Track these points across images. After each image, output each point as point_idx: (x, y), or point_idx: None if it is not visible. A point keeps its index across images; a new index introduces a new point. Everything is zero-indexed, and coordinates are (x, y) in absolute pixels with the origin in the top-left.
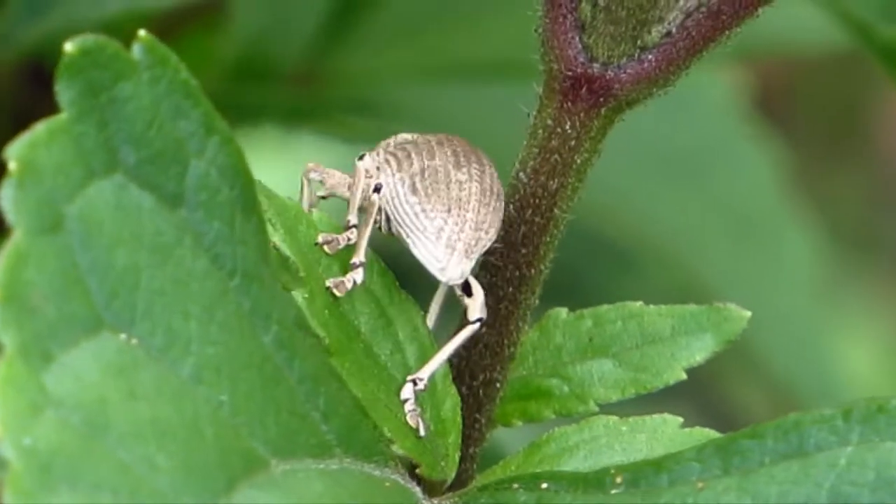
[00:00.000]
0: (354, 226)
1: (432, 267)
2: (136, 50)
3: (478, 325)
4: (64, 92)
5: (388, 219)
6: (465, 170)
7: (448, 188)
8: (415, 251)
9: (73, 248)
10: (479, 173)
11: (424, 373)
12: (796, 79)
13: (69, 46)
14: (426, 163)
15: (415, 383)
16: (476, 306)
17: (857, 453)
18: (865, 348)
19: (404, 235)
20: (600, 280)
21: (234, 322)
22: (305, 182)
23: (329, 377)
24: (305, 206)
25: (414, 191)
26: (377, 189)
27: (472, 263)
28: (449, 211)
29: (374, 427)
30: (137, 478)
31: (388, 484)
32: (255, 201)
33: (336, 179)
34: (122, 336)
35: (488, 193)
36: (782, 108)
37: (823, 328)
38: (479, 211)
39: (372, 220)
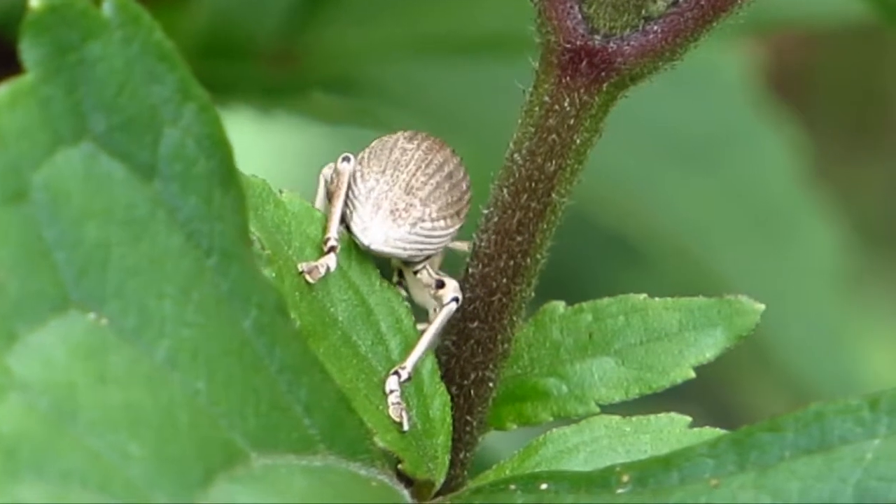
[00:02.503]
0: (334, 248)
1: (356, 228)
2: (107, 7)
3: (454, 305)
4: (29, 51)
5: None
6: (415, 142)
7: (390, 153)
8: (349, 223)
9: (39, 219)
10: (431, 149)
11: (408, 363)
12: (815, 58)
13: (35, 2)
14: (382, 143)
15: (398, 375)
16: (449, 289)
17: (885, 446)
18: (890, 348)
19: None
20: (604, 274)
21: (211, 304)
22: (321, 181)
23: (312, 368)
24: (319, 205)
25: (360, 162)
26: (346, 159)
27: (403, 232)
28: (383, 172)
29: (359, 423)
30: (108, 467)
31: (374, 484)
32: (235, 174)
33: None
34: (92, 316)
35: (434, 167)
36: (800, 90)
37: (845, 326)
38: (416, 176)
39: (343, 194)
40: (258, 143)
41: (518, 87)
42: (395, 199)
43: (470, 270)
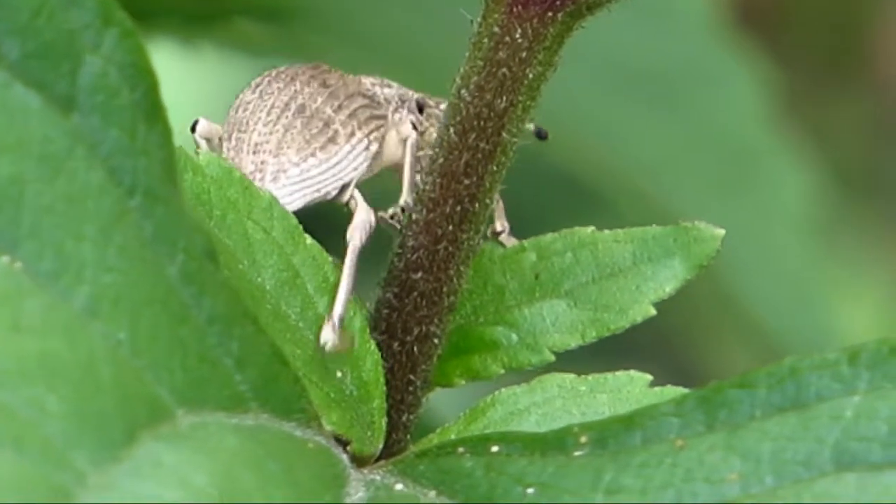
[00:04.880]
0: None
1: None
2: None
3: (354, 244)
4: None
5: None
6: (258, 90)
7: (235, 112)
8: None
9: None
10: (271, 90)
11: (334, 314)
12: None
13: None
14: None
15: (329, 326)
16: (355, 220)
17: (865, 403)
18: (866, 299)
19: None
20: (558, 219)
21: (134, 248)
22: (201, 142)
23: (243, 319)
24: None
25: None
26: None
27: (274, 191)
28: (229, 138)
29: (294, 380)
30: (24, 423)
31: (311, 446)
32: (160, 106)
33: None
34: (5, 259)
35: (277, 110)
36: (769, 22)
37: (816, 279)
38: (257, 131)
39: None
40: (180, 78)
41: (465, 17)
42: (246, 164)
43: (413, 216)
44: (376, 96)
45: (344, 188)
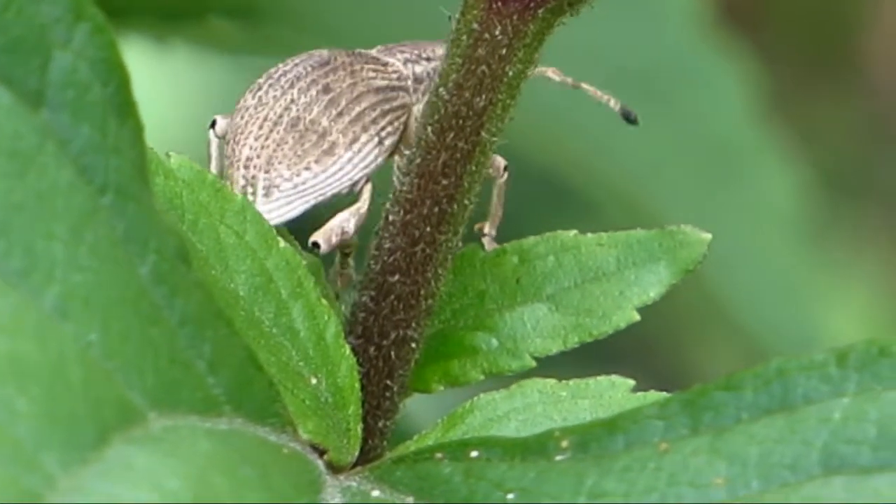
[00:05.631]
0: None
1: None
2: None
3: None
4: None
5: None
6: (257, 95)
7: (237, 118)
8: None
9: None
10: (266, 100)
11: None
12: None
13: None
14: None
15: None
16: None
17: (854, 405)
18: (853, 302)
19: None
20: (539, 221)
21: (105, 247)
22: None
23: (216, 321)
24: (214, 167)
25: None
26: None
27: (269, 205)
28: (228, 143)
29: (268, 384)
30: None
31: (286, 451)
32: (132, 103)
33: None
34: None
35: (270, 123)
36: (754, 18)
37: (803, 280)
38: (248, 144)
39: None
40: (152, 75)
41: (444, 13)
42: (238, 178)
43: (390, 217)
44: (398, 77)
45: (356, 184)
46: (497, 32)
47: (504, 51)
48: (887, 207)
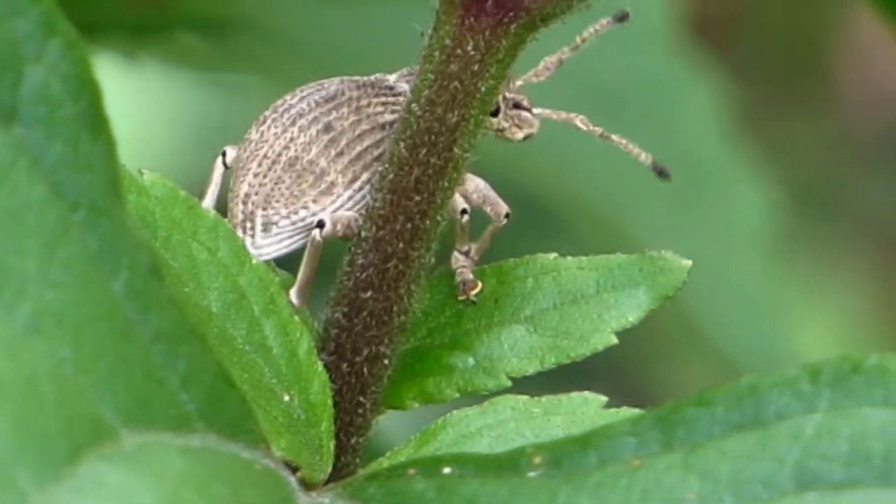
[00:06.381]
0: None
1: None
2: None
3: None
4: None
5: None
6: (260, 130)
7: (242, 151)
8: None
9: None
10: (266, 139)
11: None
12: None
13: None
14: None
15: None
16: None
17: (826, 421)
18: (824, 320)
19: None
20: (509, 238)
21: (78, 263)
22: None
23: (190, 336)
24: (210, 200)
25: None
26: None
27: (265, 241)
28: (233, 177)
29: (241, 401)
30: None
31: (258, 468)
32: (104, 119)
33: None
34: None
35: (269, 161)
36: (724, 36)
37: (774, 297)
38: (248, 181)
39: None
40: (123, 92)
41: (416, 29)
42: (237, 213)
43: (363, 234)
44: None
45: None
46: (469, 48)
47: (476, 66)
48: (858, 224)
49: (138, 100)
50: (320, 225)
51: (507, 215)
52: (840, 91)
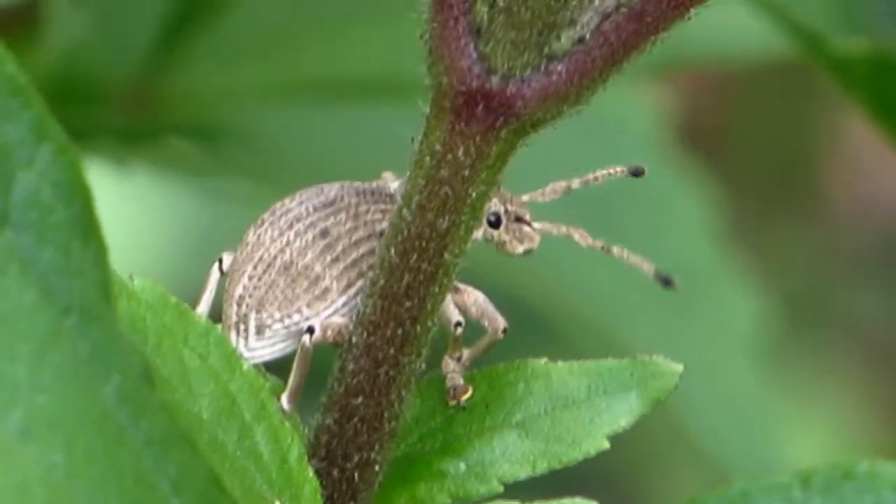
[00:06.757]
0: None
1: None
2: None
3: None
4: None
5: None
6: (256, 234)
7: (238, 253)
8: None
9: None
10: (262, 242)
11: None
12: (731, 107)
13: None
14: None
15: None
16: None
17: None
18: (814, 430)
19: None
20: (512, 348)
21: (69, 369)
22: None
23: (180, 442)
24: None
25: None
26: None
27: (258, 344)
28: (227, 281)
29: None
30: None
31: None
32: (96, 224)
33: None
34: None
35: (263, 265)
36: (714, 142)
37: (766, 406)
38: (242, 283)
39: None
40: (113, 197)
41: (406, 135)
42: (230, 315)
43: (353, 339)
44: None
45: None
46: (460, 153)
47: (467, 172)
48: (847, 334)
49: (129, 205)
50: (310, 331)
51: (504, 330)
52: (830, 200)
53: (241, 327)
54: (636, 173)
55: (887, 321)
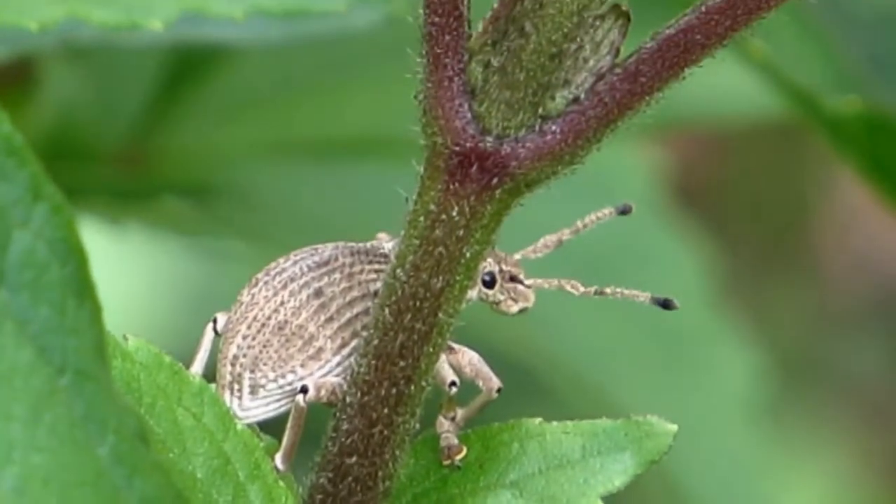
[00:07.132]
0: None
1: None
2: None
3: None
4: None
5: None
6: (248, 296)
7: (232, 314)
8: None
9: None
10: (255, 303)
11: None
12: (726, 168)
13: None
14: None
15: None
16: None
17: None
18: (810, 487)
19: None
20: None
21: (64, 428)
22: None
23: (175, 502)
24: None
25: None
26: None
27: (252, 403)
28: (221, 342)
29: None
30: None
31: None
32: (90, 283)
33: None
34: None
35: (257, 326)
36: (706, 201)
37: (762, 464)
38: (235, 343)
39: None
40: (107, 256)
41: (401, 195)
42: (224, 374)
43: (347, 399)
44: None
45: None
46: (454, 213)
47: (461, 232)
48: (841, 392)
49: (123, 264)
50: (304, 390)
51: (498, 390)
52: (824, 257)
53: (236, 387)
54: (624, 212)
55: (882, 376)
